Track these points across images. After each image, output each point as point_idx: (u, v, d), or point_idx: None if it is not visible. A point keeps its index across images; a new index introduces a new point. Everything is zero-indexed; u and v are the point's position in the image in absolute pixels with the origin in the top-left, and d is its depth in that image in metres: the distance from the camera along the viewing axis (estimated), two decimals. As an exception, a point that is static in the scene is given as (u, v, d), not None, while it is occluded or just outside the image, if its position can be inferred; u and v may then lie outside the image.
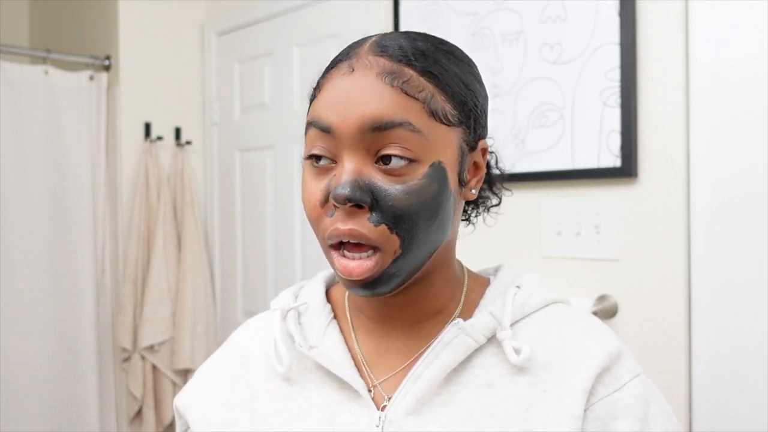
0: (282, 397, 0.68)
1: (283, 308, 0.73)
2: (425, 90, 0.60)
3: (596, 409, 0.61)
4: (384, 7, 1.94)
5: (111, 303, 2.53)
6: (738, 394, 1.31)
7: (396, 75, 0.60)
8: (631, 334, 1.45)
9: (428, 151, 0.60)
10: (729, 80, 1.32)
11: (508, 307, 0.65)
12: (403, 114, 0.59)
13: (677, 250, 1.39)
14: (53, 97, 2.38)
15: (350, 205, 0.58)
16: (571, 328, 0.65)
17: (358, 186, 0.58)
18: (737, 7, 1.30)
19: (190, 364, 2.42)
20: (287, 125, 2.30)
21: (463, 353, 0.63)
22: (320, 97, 0.62)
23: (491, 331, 0.64)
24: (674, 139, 1.39)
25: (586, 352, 0.63)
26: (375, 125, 0.58)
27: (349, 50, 0.64)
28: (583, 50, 1.51)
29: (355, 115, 0.58)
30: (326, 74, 0.63)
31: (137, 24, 2.48)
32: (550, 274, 1.58)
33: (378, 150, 0.59)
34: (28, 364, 2.33)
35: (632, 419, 0.60)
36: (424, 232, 0.60)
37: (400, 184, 0.59)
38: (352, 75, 0.60)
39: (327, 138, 0.60)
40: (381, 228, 0.58)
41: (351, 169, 0.58)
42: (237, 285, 2.53)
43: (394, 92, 0.59)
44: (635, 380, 0.63)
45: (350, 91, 0.59)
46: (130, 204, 2.50)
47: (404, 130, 0.58)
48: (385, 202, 0.58)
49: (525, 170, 1.61)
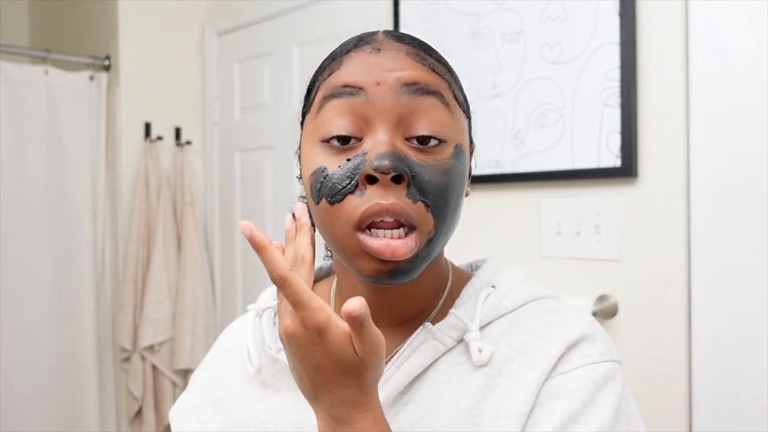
0: (255, 399, 0.67)
1: (259, 308, 0.72)
2: (446, 74, 0.61)
3: (545, 386, 0.59)
4: (384, 7, 1.94)
5: (111, 303, 2.53)
6: (738, 393, 1.31)
7: (422, 57, 0.60)
8: (631, 334, 1.45)
9: (453, 131, 0.59)
10: (729, 80, 1.32)
11: (477, 309, 0.63)
12: (436, 86, 0.58)
13: (677, 250, 1.39)
14: (53, 97, 2.38)
15: (392, 176, 0.54)
16: (538, 323, 0.63)
17: (398, 156, 0.55)
18: (737, 7, 1.30)
19: (190, 364, 2.42)
20: (287, 125, 2.30)
21: (431, 357, 0.62)
22: (341, 71, 0.59)
23: (460, 334, 0.62)
24: (674, 139, 1.39)
25: (545, 347, 0.60)
26: (412, 88, 0.57)
27: (360, 38, 0.61)
28: (583, 50, 1.51)
29: (393, 76, 0.57)
30: (344, 55, 0.60)
31: (137, 24, 2.48)
32: (550, 274, 1.58)
33: (408, 126, 0.57)
34: (29, 364, 2.33)
35: (572, 401, 0.57)
36: (451, 216, 0.59)
37: (433, 161, 0.57)
38: (381, 53, 0.58)
39: (353, 109, 0.57)
40: (419, 205, 0.56)
41: (386, 140, 0.55)
42: (237, 285, 2.53)
43: (424, 68, 0.59)
44: (590, 366, 0.59)
45: (382, 62, 0.58)
46: (130, 204, 2.50)
47: (437, 100, 0.58)
48: (422, 177, 0.56)
49: (525, 170, 1.61)
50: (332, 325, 0.50)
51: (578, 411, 0.57)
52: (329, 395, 0.52)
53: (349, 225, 0.56)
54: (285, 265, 0.50)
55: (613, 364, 0.61)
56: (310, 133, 0.61)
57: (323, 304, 0.50)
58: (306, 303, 0.50)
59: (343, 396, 0.52)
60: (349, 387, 0.52)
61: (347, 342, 0.50)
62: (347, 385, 0.52)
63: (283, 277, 0.50)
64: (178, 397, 0.77)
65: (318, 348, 0.51)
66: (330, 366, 0.51)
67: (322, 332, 0.50)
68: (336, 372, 0.51)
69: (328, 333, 0.50)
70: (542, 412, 0.57)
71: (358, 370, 0.51)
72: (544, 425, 0.57)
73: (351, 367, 0.51)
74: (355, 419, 0.52)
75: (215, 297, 2.61)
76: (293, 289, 0.50)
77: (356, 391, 0.52)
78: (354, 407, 0.52)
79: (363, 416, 0.52)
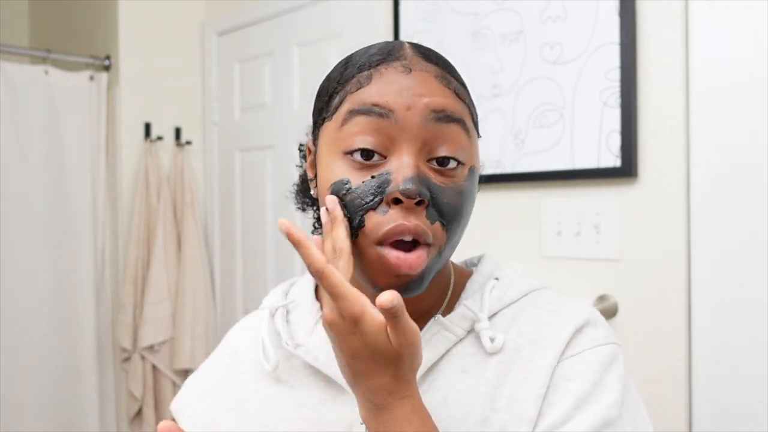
0: (270, 396, 0.69)
1: (272, 306, 0.74)
2: (467, 98, 0.65)
3: (556, 369, 0.63)
4: (384, 7, 1.94)
5: (111, 303, 2.53)
6: (738, 393, 1.31)
7: (448, 80, 0.63)
8: (631, 334, 1.45)
9: (470, 155, 0.63)
10: (729, 80, 1.32)
11: (486, 300, 0.67)
12: (460, 113, 0.62)
13: (677, 250, 1.39)
14: (53, 97, 2.38)
15: (416, 201, 0.58)
16: (543, 312, 0.67)
17: (420, 181, 0.58)
18: (737, 7, 1.30)
19: (190, 364, 2.42)
20: (287, 125, 2.30)
21: (444, 347, 0.65)
22: (372, 87, 0.61)
23: (470, 324, 0.66)
24: (674, 139, 1.39)
25: (555, 333, 0.64)
26: (439, 115, 0.60)
27: (388, 51, 0.63)
28: (583, 50, 1.51)
29: (422, 103, 0.60)
30: (373, 69, 0.62)
31: (137, 24, 2.48)
32: (550, 274, 1.58)
33: (432, 148, 0.60)
34: (29, 364, 2.33)
35: (583, 382, 0.61)
36: (460, 233, 0.63)
37: (451, 184, 0.61)
38: (411, 74, 0.61)
39: (381, 128, 0.59)
40: (436, 225, 0.60)
41: (412, 163, 0.59)
42: (237, 285, 2.53)
43: (451, 93, 0.62)
44: (596, 349, 0.64)
45: (413, 86, 0.60)
46: (130, 204, 2.50)
47: (459, 128, 0.61)
48: (441, 199, 0.60)
49: (525, 170, 1.61)
50: (368, 316, 0.52)
51: (589, 391, 0.61)
52: (367, 382, 0.55)
53: (370, 239, 0.59)
54: (322, 258, 0.53)
55: (615, 347, 0.65)
56: (331, 142, 0.63)
57: (359, 294, 0.53)
58: (342, 294, 0.52)
59: (381, 383, 0.54)
60: (386, 375, 0.54)
61: (382, 332, 0.52)
62: (384, 373, 0.54)
63: (320, 270, 0.52)
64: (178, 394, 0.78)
65: (355, 337, 0.53)
66: (367, 354, 0.53)
67: (357, 322, 0.52)
68: (374, 360, 0.54)
69: (364, 323, 0.52)
70: (556, 393, 0.61)
71: (393, 359, 0.53)
72: (560, 405, 0.61)
73: (386, 357, 0.53)
74: (394, 405, 0.55)
75: (215, 297, 2.61)
76: (330, 281, 0.52)
77: (392, 379, 0.54)
78: (391, 394, 0.55)
79: (401, 402, 0.55)
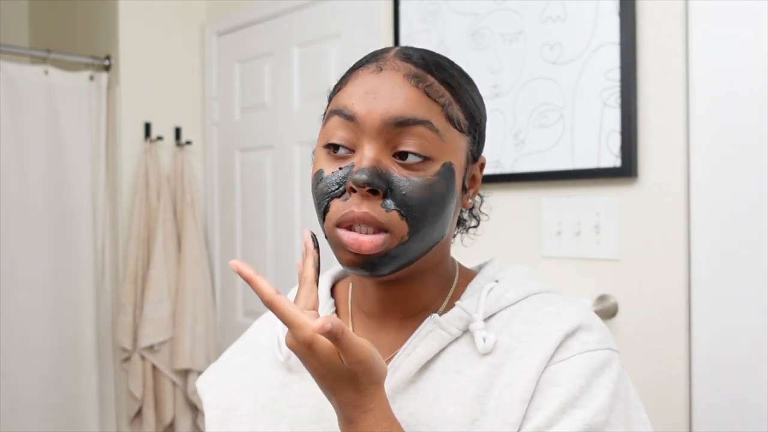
0: (282, 385, 0.74)
1: None
2: (444, 96, 0.66)
3: (544, 374, 0.63)
4: (384, 7, 1.94)
5: (111, 303, 2.53)
6: (738, 394, 1.31)
7: (420, 78, 0.65)
8: (631, 334, 1.45)
9: (442, 152, 0.64)
10: (729, 80, 1.32)
11: (482, 301, 0.68)
12: (425, 114, 0.64)
13: (677, 250, 1.39)
14: (53, 97, 2.38)
15: (367, 190, 0.61)
16: (539, 313, 0.67)
17: (376, 172, 0.62)
18: (737, 7, 1.30)
19: (190, 364, 2.42)
20: (287, 125, 2.30)
21: (438, 345, 0.67)
22: (346, 89, 0.66)
23: (465, 324, 0.67)
24: (674, 139, 1.39)
25: (545, 336, 0.65)
26: (398, 120, 0.62)
27: (374, 55, 0.68)
28: (583, 50, 1.51)
29: (380, 108, 0.63)
30: (352, 72, 0.67)
31: (137, 24, 2.48)
32: (550, 274, 1.58)
33: (396, 145, 0.63)
34: (29, 364, 2.33)
35: (571, 386, 0.61)
36: (429, 225, 0.64)
37: (414, 177, 0.63)
38: (381, 74, 0.65)
39: (349, 127, 0.64)
40: (392, 213, 0.62)
41: (371, 156, 0.62)
42: (237, 285, 2.53)
43: (418, 93, 0.64)
44: (587, 354, 0.63)
45: (378, 87, 0.64)
46: (130, 204, 2.50)
47: (424, 128, 0.63)
48: (399, 191, 0.62)
49: (525, 170, 1.61)
50: (317, 341, 0.56)
51: (576, 395, 0.61)
52: (335, 398, 0.59)
53: (332, 222, 0.64)
54: (271, 290, 0.58)
55: (610, 352, 0.65)
56: (320, 137, 0.68)
57: (308, 321, 0.56)
58: (292, 322, 0.56)
59: (346, 398, 0.58)
60: (348, 391, 0.58)
61: (333, 354, 0.56)
62: (346, 389, 0.58)
63: (270, 300, 0.57)
64: (209, 368, 0.85)
65: (313, 359, 0.57)
66: (326, 374, 0.58)
67: (310, 347, 0.56)
68: (333, 378, 0.58)
69: (316, 347, 0.56)
70: (542, 397, 0.62)
71: (349, 377, 0.57)
72: (545, 409, 0.61)
73: (343, 376, 0.57)
74: (359, 418, 0.59)
75: (215, 297, 2.61)
76: (279, 309, 0.57)
77: (355, 394, 0.58)
78: (356, 408, 0.58)
79: (365, 416, 0.58)
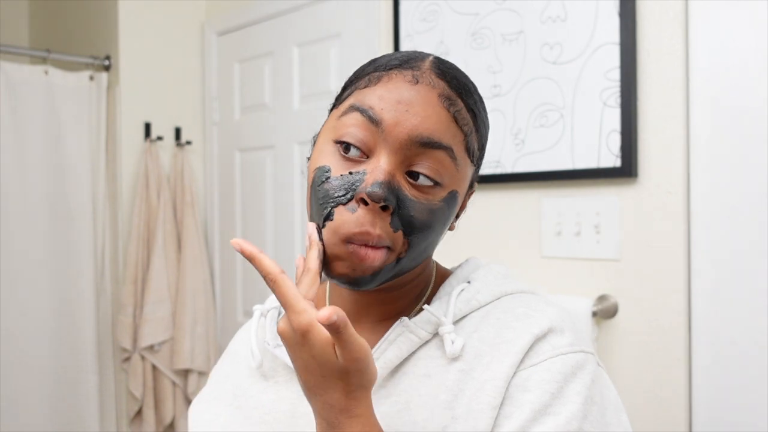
0: (258, 392, 0.72)
1: (264, 308, 0.77)
2: (468, 125, 0.64)
3: (514, 379, 0.60)
4: (384, 7, 1.94)
5: (111, 303, 2.53)
6: (738, 394, 1.31)
7: (452, 102, 0.63)
8: (631, 334, 1.45)
9: (453, 180, 0.63)
10: (729, 80, 1.32)
11: (451, 304, 0.66)
12: (450, 140, 0.62)
13: (677, 250, 1.39)
14: (53, 97, 2.38)
15: (380, 206, 0.58)
16: (509, 316, 0.65)
17: (391, 188, 0.59)
18: (737, 8, 1.30)
19: (190, 364, 2.42)
20: (287, 125, 2.30)
21: (407, 349, 0.64)
22: (376, 89, 0.62)
23: (434, 327, 0.65)
24: (674, 139, 1.39)
25: (514, 339, 0.62)
26: (424, 141, 0.60)
27: (408, 60, 0.64)
28: (583, 50, 1.51)
29: (410, 123, 0.60)
30: (385, 72, 0.63)
31: (137, 24, 2.48)
32: (550, 274, 1.58)
33: (412, 164, 0.61)
34: (29, 364, 2.33)
35: (541, 393, 0.58)
36: (425, 247, 0.63)
37: (423, 200, 0.61)
38: (416, 86, 0.62)
39: (370, 130, 0.60)
40: (398, 233, 0.60)
41: (388, 170, 0.59)
42: (237, 285, 2.53)
43: (448, 117, 0.62)
44: (558, 358, 0.60)
45: (412, 100, 0.61)
46: (130, 204, 2.50)
47: (445, 154, 0.61)
48: (408, 211, 0.60)
49: (525, 170, 1.61)
50: (315, 330, 0.53)
51: (547, 403, 0.58)
52: (319, 398, 0.55)
53: (338, 236, 0.60)
54: (276, 268, 0.55)
55: (583, 355, 0.62)
56: (329, 128, 0.64)
57: (308, 307, 0.53)
58: (292, 305, 0.53)
59: (331, 400, 0.54)
60: (336, 391, 0.54)
61: (329, 346, 0.53)
62: (334, 389, 0.54)
63: (274, 278, 0.54)
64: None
65: (304, 350, 0.54)
66: (316, 368, 0.54)
67: (305, 335, 0.53)
68: (322, 375, 0.54)
69: (311, 336, 0.53)
70: (513, 404, 0.59)
71: (341, 375, 0.53)
72: (516, 417, 0.58)
73: (334, 372, 0.53)
74: (344, 424, 0.54)
75: (215, 297, 2.61)
76: (282, 290, 0.54)
77: (343, 396, 0.54)
78: (342, 412, 0.54)
79: (351, 422, 0.54)
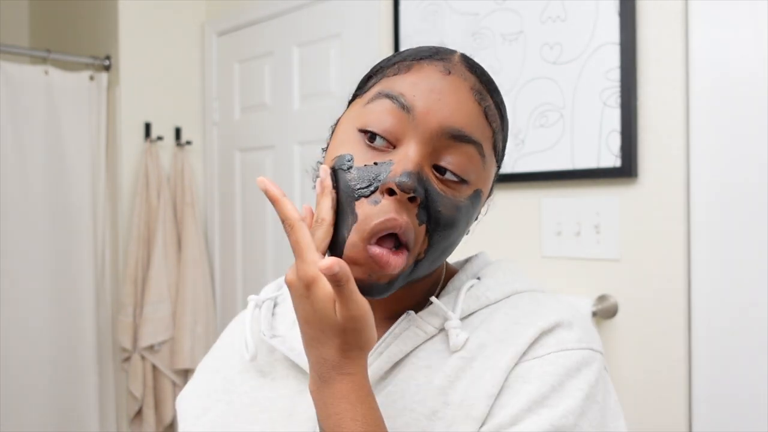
0: (253, 387, 0.69)
1: (259, 299, 0.75)
2: (496, 122, 0.63)
3: (515, 370, 0.59)
4: (384, 7, 1.94)
5: (111, 303, 2.53)
6: (738, 394, 1.31)
7: (483, 96, 0.62)
8: (631, 334, 1.45)
9: (479, 178, 0.61)
10: (729, 80, 1.32)
11: (460, 299, 0.65)
12: (480, 135, 0.61)
13: (677, 250, 1.39)
14: (53, 97, 2.38)
15: (408, 197, 0.56)
16: (518, 312, 0.64)
17: (420, 179, 0.57)
18: (737, 8, 1.30)
19: (190, 364, 2.42)
20: (287, 125, 2.30)
21: (412, 344, 0.63)
22: (408, 77, 0.60)
23: (441, 323, 0.64)
24: (674, 139, 1.39)
25: (519, 332, 0.61)
26: (455, 133, 0.59)
27: (437, 52, 0.63)
28: (583, 50, 1.51)
29: (442, 113, 0.58)
30: (416, 61, 0.62)
31: (137, 24, 2.48)
32: (550, 274, 1.58)
33: (439, 157, 0.59)
34: (29, 364, 2.33)
35: (541, 384, 0.57)
36: (445, 248, 0.61)
37: (450, 194, 0.59)
38: (449, 77, 0.60)
39: (400, 118, 0.58)
40: (422, 227, 0.58)
41: (417, 161, 0.57)
42: (237, 285, 2.53)
43: (480, 111, 0.61)
44: (563, 353, 0.59)
45: (445, 90, 0.59)
46: (130, 204, 2.50)
47: (474, 150, 0.60)
48: (435, 205, 0.58)
49: (525, 170, 1.61)
50: (319, 282, 0.53)
51: (546, 395, 0.57)
52: (315, 351, 0.55)
53: (361, 236, 0.56)
54: (296, 214, 0.54)
55: (590, 352, 0.61)
56: (353, 116, 0.62)
57: (318, 260, 0.53)
58: (303, 254, 0.53)
59: (326, 355, 0.54)
60: (332, 347, 0.54)
61: (330, 301, 0.52)
62: (330, 344, 0.54)
63: (293, 223, 0.54)
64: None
65: (307, 301, 0.54)
66: (316, 322, 0.54)
67: (309, 286, 0.53)
68: (321, 329, 0.54)
69: (315, 288, 0.53)
70: (510, 394, 0.58)
71: (338, 331, 0.53)
72: (512, 406, 0.57)
73: (332, 328, 0.53)
74: (335, 380, 0.54)
75: (215, 297, 2.61)
76: (297, 236, 0.54)
77: (337, 353, 0.54)
78: (334, 368, 0.54)
79: (341, 378, 0.54)
